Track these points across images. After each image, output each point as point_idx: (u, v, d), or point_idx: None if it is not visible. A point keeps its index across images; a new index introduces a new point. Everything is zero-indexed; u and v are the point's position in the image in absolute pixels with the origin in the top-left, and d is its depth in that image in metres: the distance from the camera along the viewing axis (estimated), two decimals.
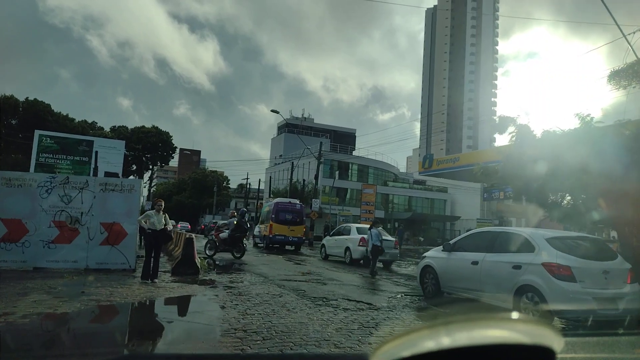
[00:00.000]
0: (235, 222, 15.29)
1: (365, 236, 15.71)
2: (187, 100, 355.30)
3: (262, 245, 24.23)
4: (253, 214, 53.00)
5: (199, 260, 12.13)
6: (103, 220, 10.71)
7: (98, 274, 9.95)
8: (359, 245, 16.00)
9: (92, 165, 27.69)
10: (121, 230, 10.73)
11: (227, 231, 15.32)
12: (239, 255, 15.36)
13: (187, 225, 45.56)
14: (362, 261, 15.99)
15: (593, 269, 6.88)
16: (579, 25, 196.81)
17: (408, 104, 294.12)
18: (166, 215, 9.39)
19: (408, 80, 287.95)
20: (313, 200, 33.09)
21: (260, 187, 56.33)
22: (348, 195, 53.87)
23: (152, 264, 9.04)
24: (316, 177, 33.81)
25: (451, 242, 9.49)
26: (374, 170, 57.41)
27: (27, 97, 38.44)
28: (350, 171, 55.17)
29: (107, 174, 10.87)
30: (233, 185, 76.37)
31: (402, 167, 74.69)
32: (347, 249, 16.76)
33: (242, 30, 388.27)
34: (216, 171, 69.35)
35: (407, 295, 9.51)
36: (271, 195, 55.32)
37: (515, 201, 14.78)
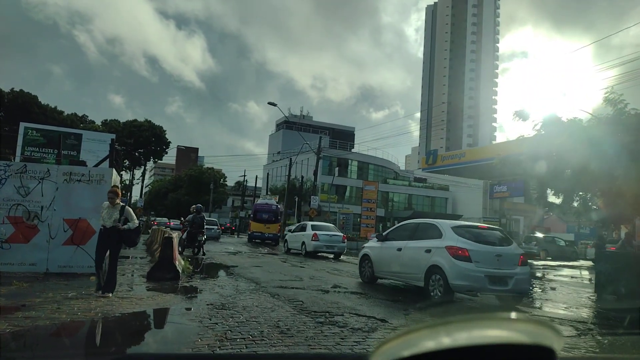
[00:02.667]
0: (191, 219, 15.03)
1: (317, 232, 18.22)
2: (179, 98, 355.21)
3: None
4: (250, 212, 51.46)
5: (181, 263, 10.60)
6: (67, 216, 9.13)
7: (58, 280, 8.40)
8: (312, 240, 17.93)
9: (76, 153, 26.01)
10: (88, 228, 9.14)
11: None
12: (197, 252, 14.70)
13: (179, 222, 43.73)
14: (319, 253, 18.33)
15: (487, 252, 8.04)
16: (561, 24, 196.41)
17: (401, 102, 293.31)
18: (127, 208, 7.26)
19: (398, 78, 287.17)
20: (312, 197, 31.56)
21: (257, 185, 54.68)
22: (347, 193, 52.39)
23: (106, 272, 7.02)
24: (315, 173, 32.27)
25: (384, 233, 10.66)
26: (374, 167, 55.92)
27: (12, 88, 36.76)
28: (349, 168, 53.71)
29: (73, 162, 9.42)
30: (230, 182, 74.77)
31: (400, 165, 73.16)
32: (303, 243, 18.55)
33: (229, 28, 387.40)
34: (212, 168, 67.63)
35: (427, 307, 7.96)
36: (268, 193, 53.74)
37: (538, 196, 13.26)
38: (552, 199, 13.77)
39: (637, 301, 9.51)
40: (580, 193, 12.58)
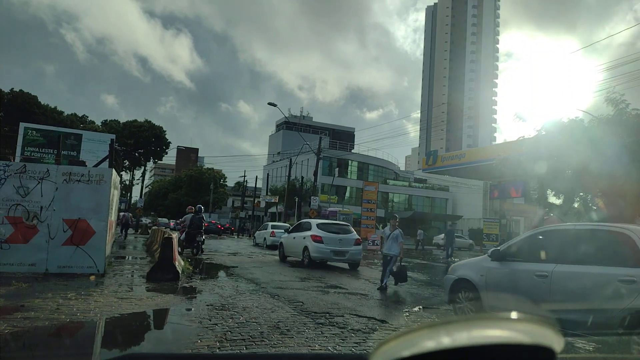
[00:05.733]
0: (189, 219, 15.06)
1: (275, 230, 22.89)
2: (172, 98, 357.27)
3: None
4: (250, 212, 51.41)
5: (181, 263, 10.58)
6: (66, 216, 9.10)
7: (58, 280, 8.37)
8: (270, 236, 22.67)
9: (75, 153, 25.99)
10: (88, 228, 9.14)
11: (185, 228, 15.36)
12: (196, 252, 14.73)
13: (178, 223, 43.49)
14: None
15: (333, 237, 13.46)
16: (543, 23, 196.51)
17: (397, 103, 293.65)
18: None
19: (394, 79, 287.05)
20: (312, 197, 31.52)
21: (257, 185, 54.61)
22: (347, 194, 52.29)
23: None
24: (315, 174, 32.24)
25: (289, 229, 16.64)
26: (374, 168, 55.83)
27: (12, 88, 36.70)
28: (349, 168, 53.62)
29: (72, 162, 9.39)
30: (230, 183, 74.72)
31: (400, 166, 73.04)
32: (264, 238, 23.30)
33: (215, 29, 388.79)
34: (212, 168, 67.60)
35: (427, 308, 7.92)
36: (268, 193, 53.66)
37: (539, 196, 13.22)
38: (553, 199, 13.75)
39: None
40: (581, 193, 12.55)
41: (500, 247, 6.45)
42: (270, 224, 25.24)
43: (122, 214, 26.04)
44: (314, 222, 14.61)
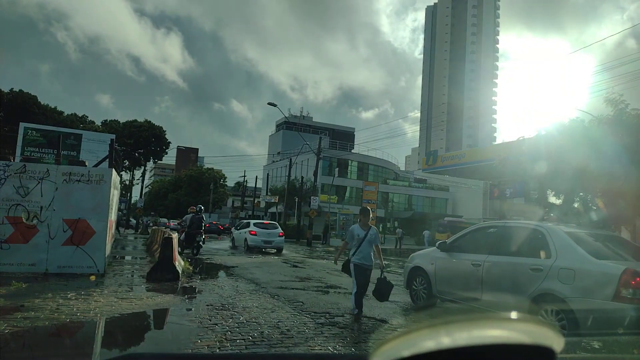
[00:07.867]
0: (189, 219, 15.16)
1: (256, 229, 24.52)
2: (166, 98, 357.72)
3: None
4: (250, 212, 51.41)
5: (181, 263, 10.57)
6: (66, 216, 9.10)
7: (58, 280, 8.37)
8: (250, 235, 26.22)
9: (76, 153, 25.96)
10: (88, 228, 9.14)
11: (185, 228, 15.47)
12: (196, 252, 14.79)
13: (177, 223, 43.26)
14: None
15: (264, 231, 19.10)
16: (532, 22, 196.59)
17: (393, 102, 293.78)
18: None
19: (384, 78, 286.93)
20: (312, 197, 31.52)
21: (257, 185, 54.59)
22: (347, 194, 52.28)
23: None
24: (315, 174, 32.24)
25: (237, 225, 23.30)
26: (374, 168, 55.80)
27: (12, 88, 36.69)
28: (349, 168, 53.60)
29: (72, 162, 9.39)
30: (230, 183, 74.72)
31: (400, 166, 73.01)
32: (235, 238, 26.49)
33: (206, 27, 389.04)
34: (212, 168, 67.58)
35: (428, 308, 7.92)
36: (269, 193, 53.68)
37: (539, 196, 13.24)
38: (553, 199, 13.75)
39: None
40: (581, 193, 12.56)
41: (447, 240, 7.51)
42: (246, 222, 28.21)
43: None
44: (252, 221, 20.48)
